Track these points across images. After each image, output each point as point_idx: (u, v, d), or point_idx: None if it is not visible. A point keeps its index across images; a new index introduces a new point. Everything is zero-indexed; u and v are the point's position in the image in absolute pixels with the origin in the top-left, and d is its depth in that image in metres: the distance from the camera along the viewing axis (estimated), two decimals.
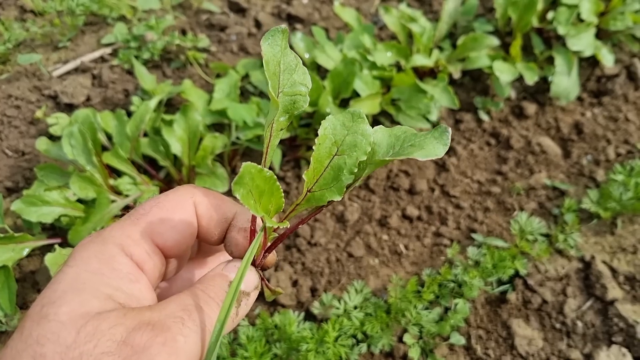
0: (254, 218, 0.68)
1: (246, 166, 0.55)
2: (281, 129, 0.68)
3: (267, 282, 0.75)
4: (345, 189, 0.64)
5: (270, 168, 2.12)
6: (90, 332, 0.52)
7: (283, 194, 0.63)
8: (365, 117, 0.64)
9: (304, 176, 0.65)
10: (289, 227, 0.66)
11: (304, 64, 0.68)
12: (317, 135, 0.65)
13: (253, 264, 0.71)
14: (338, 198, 0.63)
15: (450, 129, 0.58)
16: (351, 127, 0.64)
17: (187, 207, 0.69)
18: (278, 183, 0.61)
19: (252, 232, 0.68)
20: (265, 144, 0.67)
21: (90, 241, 0.63)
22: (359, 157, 0.63)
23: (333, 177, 0.64)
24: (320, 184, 0.65)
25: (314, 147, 0.65)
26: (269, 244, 0.71)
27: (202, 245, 0.83)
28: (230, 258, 0.71)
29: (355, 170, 0.63)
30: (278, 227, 0.63)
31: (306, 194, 0.67)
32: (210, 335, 0.58)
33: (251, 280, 0.69)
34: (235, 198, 0.57)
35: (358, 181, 0.64)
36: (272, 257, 0.73)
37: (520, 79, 2.37)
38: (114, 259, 0.61)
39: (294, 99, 0.67)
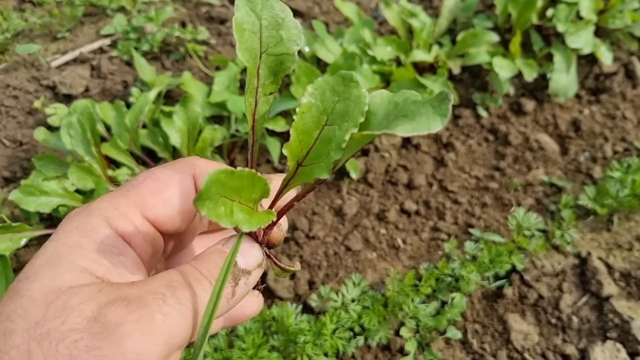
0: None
1: (211, 175, 0.47)
2: (270, 93, 0.59)
3: (274, 258, 0.69)
4: (332, 166, 0.55)
5: (269, 160, 2.12)
6: (59, 308, 0.48)
7: (268, 181, 0.56)
8: (358, 80, 0.54)
9: (284, 150, 0.57)
10: (275, 218, 0.61)
11: (294, 16, 0.58)
12: None
13: (256, 241, 0.65)
14: (327, 176, 0.55)
15: (452, 96, 0.47)
16: (342, 93, 0.54)
17: (185, 179, 0.63)
18: (259, 175, 0.54)
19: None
20: (250, 112, 0.59)
21: (75, 213, 0.59)
22: (349, 128, 0.53)
23: (323, 151, 0.56)
24: (311, 157, 0.57)
25: (295, 117, 0.56)
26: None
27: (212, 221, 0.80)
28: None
29: (344, 144, 0.54)
30: (271, 210, 0.58)
31: (297, 168, 0.58)
32: (201, 316, 0.54)
33: (253, 256, 0.63)
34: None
35: (344, 156, 0.56)
36: (277, 232, 0.66)
37: (519, 75, 2.37)
38: (96, 231, 0.57)
39: (281, 59, 0.58)
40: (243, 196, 0.53)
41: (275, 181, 0.65)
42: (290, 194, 0.67)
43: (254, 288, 0.72)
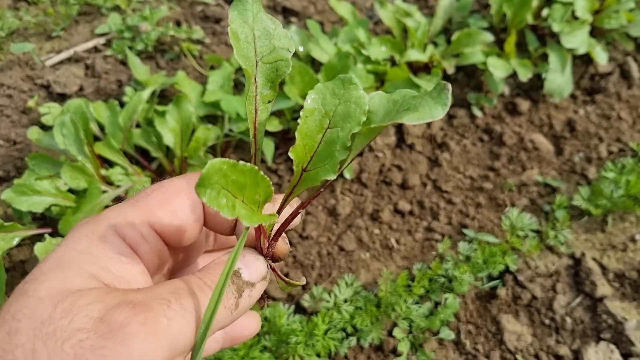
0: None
1: (213, 163, 0.47)
2: (269, 101, 0.61)
3: (279, 272, 0.70)
4: (339, 166, 0.56)
5: (262, 160, 2.12)
6: (66, 308, 0.49)
7: (271, 183, 0.56)
8: (357, 82, 0.57)
9: (290, 154, 0.58)
10: (277, 219, 0.61)
11: (283, 26, 0.61)
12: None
13: (261, 253, 0.66)
14: (333, 176, 0.56)
15: (450, 86, 0.49)
16: (343, 95, 0.56)
17: (192, 192, 0.64)
18: (262, 173, 0.54)
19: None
20: (251, 119, 0.61)
21: (85, 222, 0.60)
22: (352, 128, 0.55)
23: (327, 154, 0.57)
24: (315, 161, 0.58)
25: (299, 121, 0.58)
26: (271, 233, 0.65)
27: (219, 238, 0.80)
28: None
29: (349, 143, 0.55)
30: (270, 221, 0.58)
31: (301, 174, 0.59)
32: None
33: (257, 269, 0.63)
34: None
35: (351, 155, 0.57)
36: (282, 246, 0.68)
37: (514, 75, 2.37)
38: (105, 239, 0.58)
39: (275, 66, 0.60)
40: (246, 195, 0.53)
41: (278, 202, 0.66)
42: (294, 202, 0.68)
43: (260, 305, 0.73)
